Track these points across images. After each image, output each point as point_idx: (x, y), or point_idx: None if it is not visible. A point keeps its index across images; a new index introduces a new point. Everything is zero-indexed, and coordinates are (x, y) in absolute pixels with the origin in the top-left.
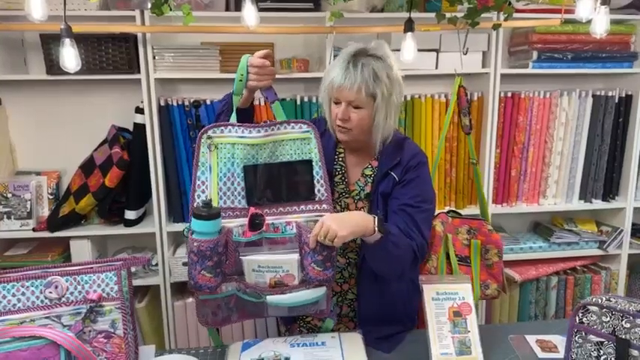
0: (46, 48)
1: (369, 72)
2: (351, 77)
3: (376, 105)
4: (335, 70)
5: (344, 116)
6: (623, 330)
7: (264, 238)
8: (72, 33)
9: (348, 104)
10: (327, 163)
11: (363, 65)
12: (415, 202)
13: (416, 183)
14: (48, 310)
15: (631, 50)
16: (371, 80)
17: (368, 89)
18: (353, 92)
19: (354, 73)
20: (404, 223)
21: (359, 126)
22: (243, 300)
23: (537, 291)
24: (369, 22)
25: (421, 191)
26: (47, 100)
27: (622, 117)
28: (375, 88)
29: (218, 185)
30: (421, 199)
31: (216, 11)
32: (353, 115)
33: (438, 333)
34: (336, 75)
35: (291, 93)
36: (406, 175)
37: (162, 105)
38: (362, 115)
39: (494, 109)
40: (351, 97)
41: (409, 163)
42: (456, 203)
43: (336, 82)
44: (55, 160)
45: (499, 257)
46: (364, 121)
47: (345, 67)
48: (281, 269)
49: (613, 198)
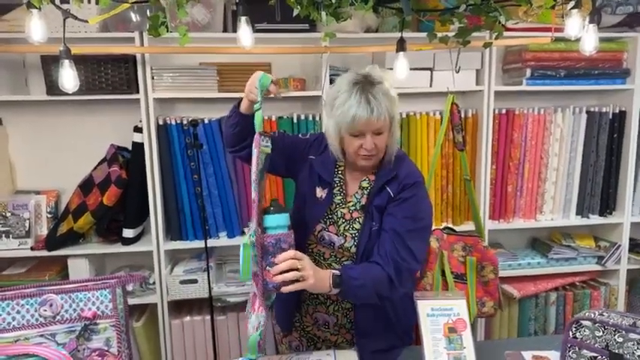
0: (46, 69)
1: (383, 99)
2: (375, 109)
3: (393, 126)
4: (352, 106)
5: (372, 146)
6: (616, 344)
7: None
8: (71, 54)
9: (373, 134)
10: (327, 176)
11: (375, 95)
12: (409, 224)
13: (411, 202)
14: (42, 328)
15: (623, 67)
16: (389, 104)
17: (389, 114)
18: (380, 122)
19: (375, 104)
20: (393, 247)
21: (382, 149)
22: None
23: (537, 307)
24: (363, 42)
25: (417, 211)
26: (47, 120)
27: (616, 133)
28: (393, 110)
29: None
30: (416, 219)
31: (213, 32)
32: (377, 142)
33: (434, 349)
34: (358, 111)
35: (288, 111)
36: (402, 193)
37: (161, 124)
38: (382, 140)
39: (488, 126)
40: (378, 126)
41: (405, 180)
42: (452, 220)
43: (363, 118)
44: (54, 179)
45: (495, 274)
46: (383, 144)
47: (361, 100)
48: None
49: (610, 213)
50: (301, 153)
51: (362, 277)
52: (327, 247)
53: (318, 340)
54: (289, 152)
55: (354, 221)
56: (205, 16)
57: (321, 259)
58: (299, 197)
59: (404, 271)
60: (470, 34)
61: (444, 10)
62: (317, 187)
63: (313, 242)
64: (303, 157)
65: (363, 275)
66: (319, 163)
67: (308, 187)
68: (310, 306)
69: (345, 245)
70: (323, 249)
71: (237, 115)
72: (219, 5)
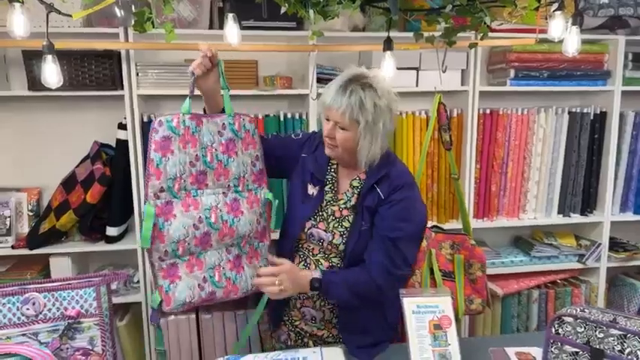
0: (28, 64)
1: (356, 99)
2: (338, 101)
3: (360, 130)
4: (329, 90)
5: (329, 134)
6: (597, 340)
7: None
8: (54, 49)
9: (335, 124)
10: (320, 172)
11: (352, 92)
12: (401, 228)
13: (403, 205)
14: (25, 327)
15: (604, 69)
16: (356, 107)
17: (352, 115)
18: (338, 114)
19: (341, 97)
20: (386, 256)
21: (343, 145)
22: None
23: (519, 305)
24: (350, 41)
25: (409, 214)
26: (28, 117)
27: (597, 133)
28: (359, 115)
29: None
30: (408, 222)
31: (200, 29)
32: (338, 134)
33: (419, 346)
34: (328, 95)
35: (275, 109)
36: (393, 195)
37: (145, 121)
38: (346, 137)
39: (473, 126)
40: (337, 119)
41: (396, 180)
42: (438, 218)
43: (326, 102)
44: (35, 176)
45: (482, 272)
46: (348, 142)
47: (337, 89)
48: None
49: (591, 212)
50: (294, 152)
51: (343, 283)
52: (315, 243)
53: (306, 334)
54: (281, 153)
55: (343, 219)
56: (191, 12)
57: (310, 254)
58: (291, 195)
59: (397, 280)
60: (456, 35)
61: (431, 10)
62: (309, 185)
63: (303, 239)
64: (295, 157)
65: (344, 281)
66: (312, 161)
67: (300, 184)
68: (298, 300)
69: (333, 242)
70: (312, 245)
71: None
72: (206, 2)
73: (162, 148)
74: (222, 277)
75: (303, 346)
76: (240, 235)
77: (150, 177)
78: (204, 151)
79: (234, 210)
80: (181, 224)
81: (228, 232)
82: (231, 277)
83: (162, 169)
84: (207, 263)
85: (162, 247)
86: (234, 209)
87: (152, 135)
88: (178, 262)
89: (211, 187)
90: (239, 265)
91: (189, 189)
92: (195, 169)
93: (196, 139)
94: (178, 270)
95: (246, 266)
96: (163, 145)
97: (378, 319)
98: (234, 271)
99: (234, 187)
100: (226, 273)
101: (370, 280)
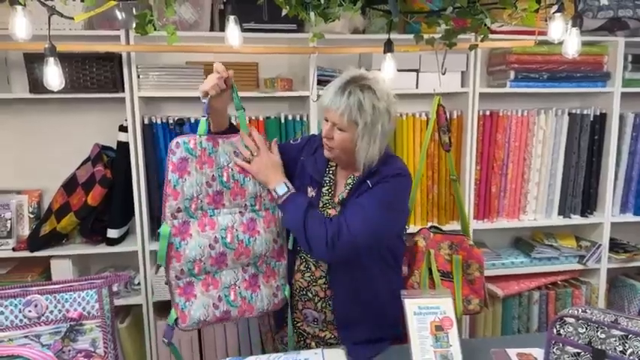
0: (29, 67)
1: (355, 100)
2: (336, 102)
3: (358, 132)
4: (328, 91)
5: (327, 135)
6: (599, 340)
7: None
8: (56, 52)
9: (333, 125)
10: (318, 174)
11: (351, 93)
12: (374, 202)
13: (384, 187)
14: (27, 330)
15: (604, 70)
16: (355, 108)
17: (350, 116)
18: (336, 116)
19: (340, 98)
20: (346, 213)
21: (340, 147)
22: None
23: (520, 306)
24: (350, 43)
25: (386, 194)
26: (29, 119)
27: (597, 134)
28: (357, 116)
29: None
30: (383, 202)
31: (201, 31)
32: (336, 135)
33: (421, 347)
34: (327, 96)
35: (275, 111)
36: (380, 183)
37: (146, 123)
38: (344, 137)
39: (473, 127)
40: (335, 120)
41: (385, 172)
42: (438, 219)
43: (324, 103)
44: (36, 178)
45: (480, 272)
46: (346, 143)
47: (336, 91)
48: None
49: (591, 213)
50: (293, 157)
51: (298, 210)
52: None
53: (308, 335)
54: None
55: None
56: (193, 14)
57: (309, 256)
58: None
59: (339, 247)
60: (456, 36)
61: (431, 12)
62: (308, 187)
63: None
64: (295, 161)
65: (299, 209)
66: (311, 163)
67: (301, 188)
68: (300, 302)
69: None
70: None
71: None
72: (207, 4)
73: (180, 169)
74: (237, 296)
75: (306, 347)
76: (257, 255)
77: (167, 197)
78: (220, 171)
79: (251, 230)
80: (197, 244)
81: (244, 252)
82: (246, 296)
83: (180, 189)
84: (222, 282)
85: (178, 266)
86: (251, 229)
87: (170, 156)
88: (194, 280)
89: (228, 207)
90: (255, 284)
91: (205, 209)
92: (211, 189)
93: (213, 159)
94: (194, 288)
95: (262, 285)
96: (180, 166)
97: (376, 314)
98: (250, 291)
99: (250, 206)
100: (242, 292)
101: (322, 227)
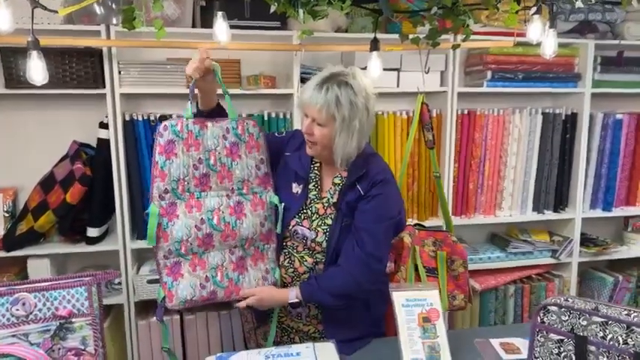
0: (5, 61)
1: (332, 96)
2: (315, 97)
3: (336, 127)
4: (307, 87)
5: (308, 130)
6: (581, 327)
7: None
8: (39, 45)
9: (313, 120)
10: (303, 171)
11: (329, 89)
12: (377, 221)
13: (378, 200)
14: (14, 328)
15: (575, 71)
16: (332, 104)
17: (328, 111)
18: (315, 111)
19: (318, 94)
20: (362, 248)
21: (321, 142)
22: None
23: (497, 300)
24: (334, 41)
25: (385, 209)
26: (4, 115)
27: (569, 133)
28: (335, 111)
29: None
30: (381, 217)
31: (183, 27)
32: (316, 130)
33: (409, 339)
34: (306, 92)
35: (258, 109)
36: (371, 191)
37: (127, 120)
38: (324, 133)
39: (452, 126)
40: (314, 115)
41: (375, 177)
42: (418, 215)
43: (304, 99)
44: (11, 176)
45: (464, 268)
46: (326, 139)
47: (314, 87)
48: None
49: (563, 209)
50: (277, 151)
51: (321, 291)
52: (299, 241)
53: (292, 330)
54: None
55: (326, 217)
56: (175, 10)
57: (294, 252)
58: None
59: (373, 273)
60: (440, 36)
61: (416, 11)
62: (293, 183)
63: (287, 236)
64: (278, 154)
65: (322, 289)
66: (295, 160)
67: (284, 183)
68: None
69: (316, 240)
70: (296, 242)
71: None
72: (189, 0)
73: (167, 151)
74: (224, 277)
75: (290, 341)
76: (243, 237)
77: (155, 179)
78: (207, 154)
79: (238, 212)
80: (184, 225)
81: (230, 234)
82: (233, 277)
83: (167, 171)
84: (209, 263)
85: (166, 246)
86: (238, 212)
87: (157, 139)
88: (182, 260)
89: (215, 190)
90: (242, 266)
91: (192, 191)
92: (198, 171)
93: (200, 142)
94: (182, 268)
95: (250, 268)
96: (167, 148)
97: (361, 312)
98: (237, 272)
99: (238, 189)
100: (229, 273)
101: (348, 278)
